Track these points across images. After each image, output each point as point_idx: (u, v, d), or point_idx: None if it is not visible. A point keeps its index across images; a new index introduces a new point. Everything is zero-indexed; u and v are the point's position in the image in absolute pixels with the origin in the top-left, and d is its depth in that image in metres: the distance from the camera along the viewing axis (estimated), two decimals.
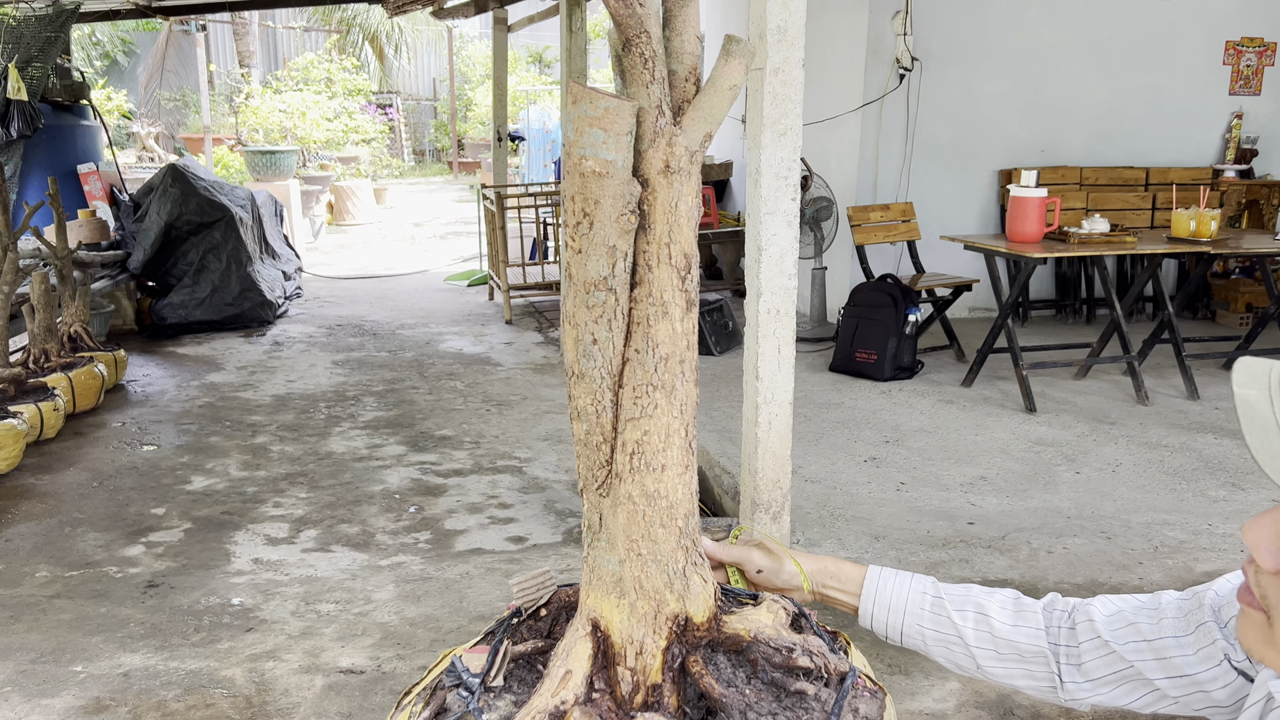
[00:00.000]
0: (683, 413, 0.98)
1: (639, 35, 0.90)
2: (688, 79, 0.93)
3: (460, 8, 8.38)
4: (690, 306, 0.96)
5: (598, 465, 0.99)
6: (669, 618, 1.01)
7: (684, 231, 0.94)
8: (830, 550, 3.29)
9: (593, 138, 0.88)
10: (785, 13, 2.71)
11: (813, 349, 5.97)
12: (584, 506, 1.03)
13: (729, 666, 1.03)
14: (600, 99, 0.86)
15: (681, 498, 1.00)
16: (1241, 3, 6.83)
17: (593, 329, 0.94)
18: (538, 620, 1.10)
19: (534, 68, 19.49)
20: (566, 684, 0.97)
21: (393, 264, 9.97)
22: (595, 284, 0.93)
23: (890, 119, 6.41)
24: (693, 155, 0.93)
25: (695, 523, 1.02)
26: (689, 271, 0.95)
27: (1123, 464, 4.11)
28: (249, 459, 4.28)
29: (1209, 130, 7.04)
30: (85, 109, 7.61)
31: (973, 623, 1.06)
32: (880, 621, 1.12)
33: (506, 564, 3.26)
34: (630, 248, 0.93)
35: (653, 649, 1.01)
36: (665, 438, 0.98)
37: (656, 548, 1.00)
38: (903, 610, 1.10)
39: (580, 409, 0.98)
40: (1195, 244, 4.90)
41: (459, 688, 1.00)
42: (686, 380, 0.98)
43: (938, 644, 1.08)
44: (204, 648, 2.70)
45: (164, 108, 17.61)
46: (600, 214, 0.91)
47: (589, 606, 1.03)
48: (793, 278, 2.89)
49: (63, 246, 5.11)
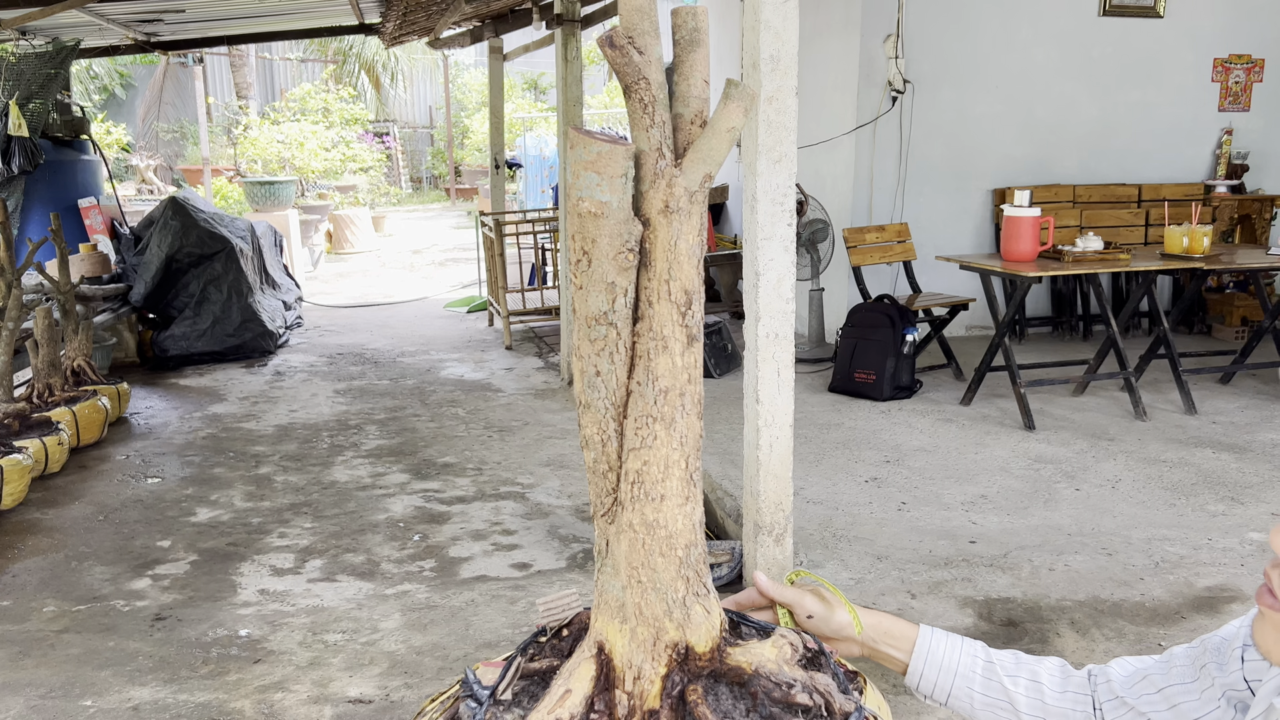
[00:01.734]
0: (683, 444, 1.01)
1: (637, 82, 0.93)
2: (694, 121, 0.97)
3: (456, 38, 8.48)
4: (691, 341, 0.99)
5: (604, 492, 1.02)
6: (668, 645, 1.04)
7: (684, 269, 0.97)
8: (833, 571, 3.30)
9: (588, 180, 0.91)
10: (778, 42, 2.76)
11: (811, 370, 6.00)
12: (595, 531, 1.06)
13: (729, 698, 1.05)
14: (594, 144, 0.90)
15: (681, 528, 1.03)
16: (1229, 21, 6.91)
17: (595, 361, 0.98)
18: (560, 640, 1.12)
19: (529, 94, 19.63)
20: (564, 703, 1.00)
21: (392, 291, 10.02)
22: (596, 319, 0.96)
23: (884, 141, 6.48)
24: (692, 195, 0.96)
25: (698, 553, 1.05)
26: (689, 307, 0.98)
27: (1122, 480, 4.13)
28: (253, 490, 4.30)
29: (1200, 146, 7.10)
30: (85, 144, 7.68)
31: (1024, 689, 1.08)
32: (929, 681, 1.13)
33: (511, 590, 3.27)
34: (631, 284, 0.96)
35: (651, 675, 1.03)
36: (664, 469, 1.00)
37: (656, 576, 1.02)
38: (954, 672, 1.11)
39: (587, 438, 1.01)
40: (1188, 260, 4.94)
41: (470, 698, 1.03)
42: (687, 413, 1.01)
43: (985, 709, 1.09)
44: (212, 680, 2.71)
45: (161, 140, 17.72)
46: (598, 252, 0.94)
47: (597, 629, 1.05)
48: (790, 302, 2.93)
49: (65, 281, 5.15)
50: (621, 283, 0.95)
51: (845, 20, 6.39)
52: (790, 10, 2.77)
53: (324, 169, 14.10)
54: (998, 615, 3.00)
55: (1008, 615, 3.00)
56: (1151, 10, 6.75)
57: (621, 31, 0.93)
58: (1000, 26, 6.55)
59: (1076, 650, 2.80)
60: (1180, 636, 2.86)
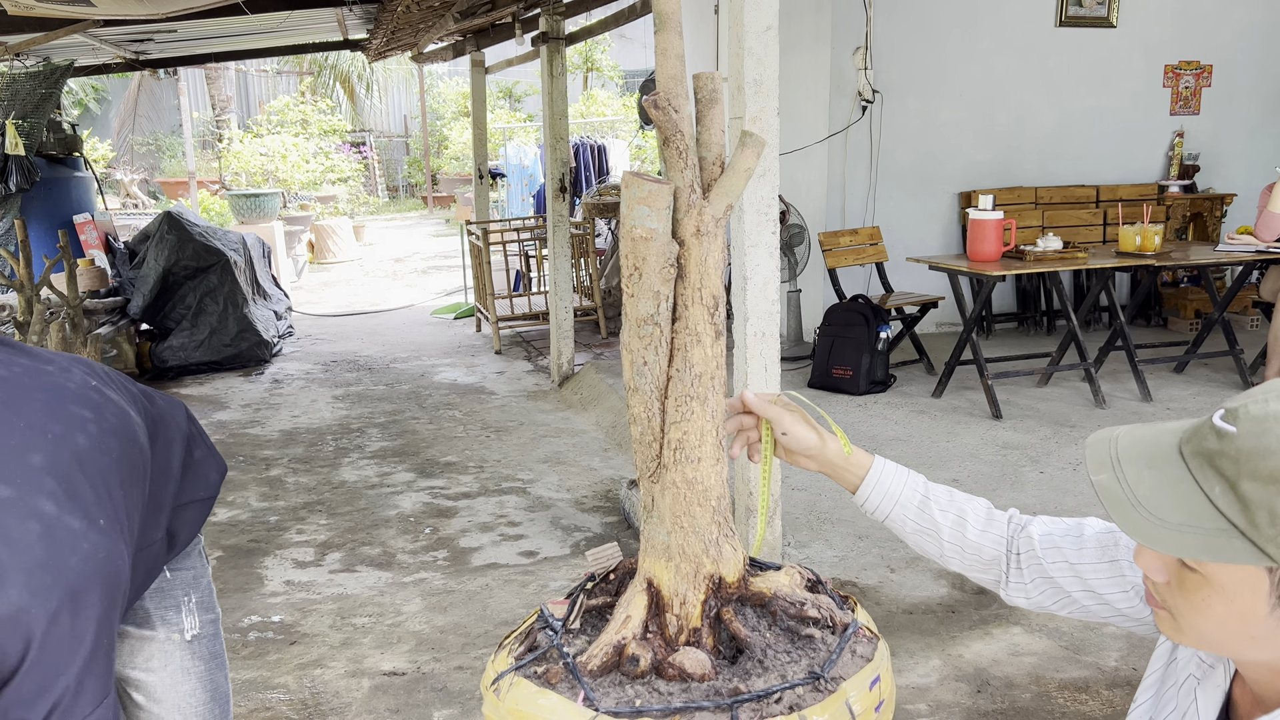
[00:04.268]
0: (714, 418, 1.28)
1: (674, 134, 1.20)
2: (714, 163, 1.24)
3: (439, 52, 8.72)
4: (719, 335, 1.26)
5: (650, 459, 1.29)
6: (705, 577, 1.31)
7: (712, 279, 1.24)
8: (819, 550, 3.59)
9: (640, 212, 1.19)
10: (760, 68, 3.04)
11: (791, 367, 6.29)
12: (640, 492, 1.32)
13: (754, 616, 1.33)
14: (645, 184, 1.17)
15: (714, 484, 1.30)
16: (1178, 29, 7.29)
17: (643, 354, 1.24)
18: (607, 583, 1.39)
19: (504, 103, 19.86)
20: (627, 625, 1.27)
21: (378, 300, 10.22)
22: (644, 320, 1.23)
23: (855, 148, 6.79)
24: (717, 221, 1.24)
25: (726, 504, 1.32)
26: (716, 309, 1.26)
27: (1082, 463, 4.44)
28: (267, 490, 4.52)
29: (1153, 149, 7.48)
30: (78, 161, 7.85)
31: (951, 523, 1.30)
32: (873, 505, 1.34)
33: (522, 575, 3.53)
34: (671, 292, 1.23)
35: (693, 601, 1.30)
36: (700, 437, 1.28)
37: (695, 522, 1.29)
38: (895, 500, 1.32)
39: (635, 415, 1.28)
40: (1141, 258, 5.28)
41: (546, 629, 1.30)
42: (716, 392, 1.28)
43: (916, 534, 1.32)
44: (254, 660, 2.95)
45: (137, 153, 17.80)
46: (647, 268, 1.21)
47: (645, 569, 1.32)
48: (776, 303, 3.21)
49: (74, 295, 5.35)
50: (664, 291, 1.22)
51: (816, 34, 6.70)
52: (771, 38, 3.05)
53: (306, 180, 14.27)
54: (969, 585, 3.29)
55: (978, 584, 3.29)
56: (1105, 21, 7.11)
57: (663, 96, 1.20)
58: (963, 38, 6.88)
59: (1041, 613, 3.09)
60: None
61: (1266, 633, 0.87)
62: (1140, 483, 0.90)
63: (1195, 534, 0.84)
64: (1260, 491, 0.81)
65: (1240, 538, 0.82)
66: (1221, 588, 0.86)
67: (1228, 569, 0.85)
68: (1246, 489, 0.82)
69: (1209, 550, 0.84)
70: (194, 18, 5.39)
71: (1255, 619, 0.86)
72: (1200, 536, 0.84)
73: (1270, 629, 0.87)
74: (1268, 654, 0.89)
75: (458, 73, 19.71)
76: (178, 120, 16.48)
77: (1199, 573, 0.88)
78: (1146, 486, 0.90)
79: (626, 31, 17.65)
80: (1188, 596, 0.90)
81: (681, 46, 1.22)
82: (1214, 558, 0.84)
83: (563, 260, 6.30)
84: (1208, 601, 0.88)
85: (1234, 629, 0.88)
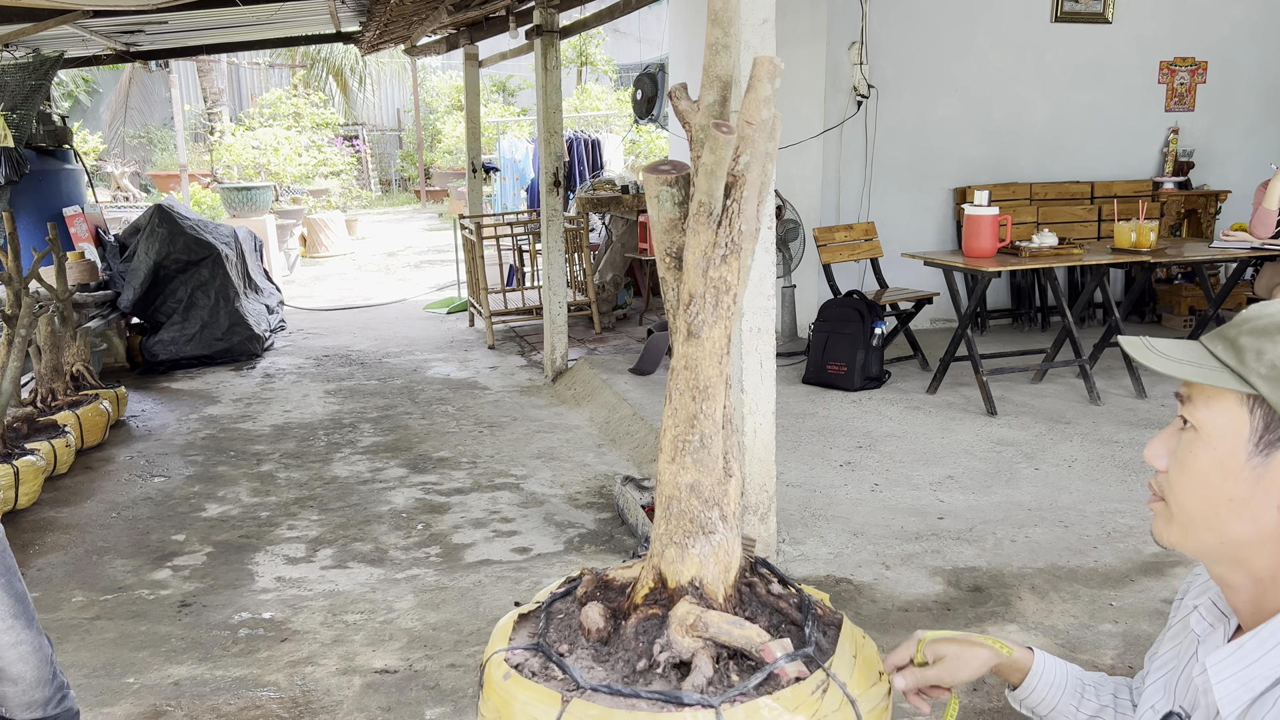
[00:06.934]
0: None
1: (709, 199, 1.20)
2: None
3: (432, 45, 8.67)
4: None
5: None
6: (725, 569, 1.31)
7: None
8: (814, 547, 3.57)
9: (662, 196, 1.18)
10: None
11: (786, 363, 6.27)
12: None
13: (749, 593, 1.36)
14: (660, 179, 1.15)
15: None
16: (1173, 25, 7.28)
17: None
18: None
19: (499, 96, 19.78)
20: None
21: (371, 294, 10.18)
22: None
23: (850, 143, 6.77)
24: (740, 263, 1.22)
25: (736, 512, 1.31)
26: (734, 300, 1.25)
27: (1078, 460, 4.44)
28: (258, 486, 4.49)
29: (1148, 145, 7.47)
30: (68, 153, 7.78)
31: (1111, 704, 1.34)
32: (1038, 697, 1.34)
33: (515, 572, 3.51)
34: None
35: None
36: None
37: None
38: (1062, 688, 1.34)
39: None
40: (1136, 254, 5.27)
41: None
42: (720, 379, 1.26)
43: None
44: (244, 657, 2.92)
45: (128, 146, 17.68)
46: None
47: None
48: (771, 299, 3.18)
49: (63, 288, 5.30)
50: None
51: (812, 29, 6.67)
52: (768, 31, 3.03)
53: (298, 174, 14.19)
54: (965, 582, 3.28)
55: (974, 582, 3.28)
56: (1100, 16, 7.09)
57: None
58: (959, 34, 6.86)
59: (1036, 611, 3.08)
60: (1130, 598, 3.16)
61: (1244, 493, 0.96)
62: (1159, 341, 1.07)
63: (1193, 366, 1.00)
64: (1253, 341, 0.97)
65: (1229, 372, 0.97)
66: (1208, 437, 0.99)
67: (1215, 415, 0.98)
68: (1243, 340, 0.98)
69: (1201, 375, 0.98)
70: (185, 8, 5.34)
71: (1234, 470, 0.97)
72: (1197, 368, 1.00)
73: (1248, 485, 0.96)
74: (1244, 527, 0.97)
75: (451, 66, 19.61)
76: (169, 113, 16.37)
77: (1191, 426, 1.01)
78: (1164, 343, 1.06)
79: (620, 25, 17.60)
80: (1180, 460, 1.02)
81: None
82: (1204, 380, 0.98)
83: (556, 255, 6.27)
84: (1196, 456, 1.00)
85: (1215, 485, 0.98)
